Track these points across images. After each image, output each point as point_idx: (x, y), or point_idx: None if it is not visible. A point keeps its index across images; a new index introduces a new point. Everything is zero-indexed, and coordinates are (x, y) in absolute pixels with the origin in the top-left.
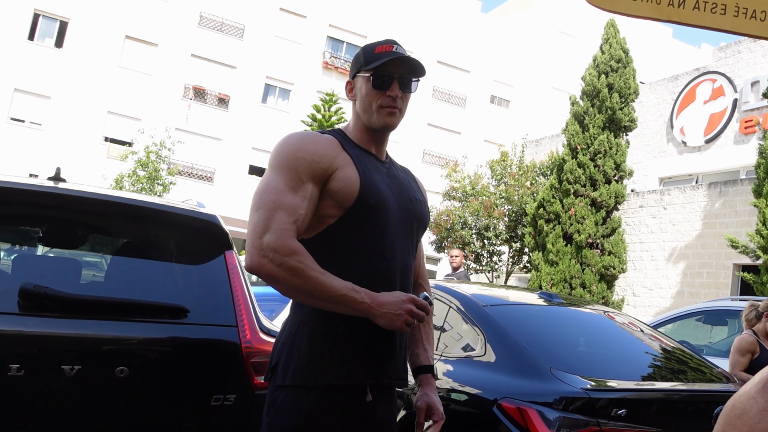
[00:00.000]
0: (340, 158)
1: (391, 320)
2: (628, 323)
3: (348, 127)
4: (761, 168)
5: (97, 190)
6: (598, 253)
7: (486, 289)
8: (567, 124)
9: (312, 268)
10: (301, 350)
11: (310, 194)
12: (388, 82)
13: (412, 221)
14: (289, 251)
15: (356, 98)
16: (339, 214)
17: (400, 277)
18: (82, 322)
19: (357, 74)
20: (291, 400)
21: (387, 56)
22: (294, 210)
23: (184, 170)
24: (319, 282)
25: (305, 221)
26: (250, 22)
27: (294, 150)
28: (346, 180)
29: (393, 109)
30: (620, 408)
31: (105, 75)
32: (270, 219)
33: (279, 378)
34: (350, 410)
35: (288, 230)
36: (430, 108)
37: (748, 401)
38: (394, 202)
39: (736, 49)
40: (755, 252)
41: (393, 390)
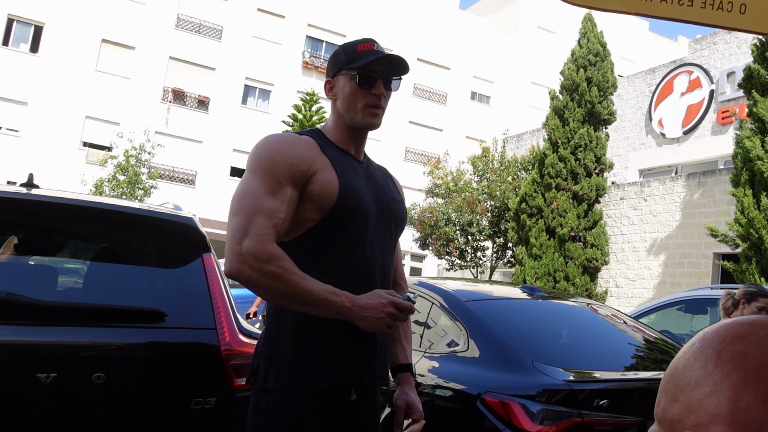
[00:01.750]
0: (319, 161)
1: (372, 323)
2: (611, 315)
3: (327, 127)
4: (738, 158)
5: (70, 196)
6: (581, 245)
7: (469, 284)
8: (547, 119)
9: (292, 273)
10: (282, 354)
11: (289, 197)
12: (373, 80)
13: (390, 221)
14: (268, 256)
15: (337, 97)
16: (318, 217)
17: (381, 278)
18: (58, 329)
19: (338, 73)
20: (275, 402)
21: (372, 54)
22: (273, 214)
23: (165, 174)
24: (300, 286)
25: (285, 225)
26: (228, 24)
27: (272, 153)
28: (326, 183)
29: (377, 109)
30: (602, 399)
31: (82, 79)
32: (249, 224)
33: (261, 381)
34: (335, 411)
35: (267, 235)
36: (412, 106)
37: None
38: (372, 203)
39: (711, 41)
40: (734, 240)
41: (376, 389)
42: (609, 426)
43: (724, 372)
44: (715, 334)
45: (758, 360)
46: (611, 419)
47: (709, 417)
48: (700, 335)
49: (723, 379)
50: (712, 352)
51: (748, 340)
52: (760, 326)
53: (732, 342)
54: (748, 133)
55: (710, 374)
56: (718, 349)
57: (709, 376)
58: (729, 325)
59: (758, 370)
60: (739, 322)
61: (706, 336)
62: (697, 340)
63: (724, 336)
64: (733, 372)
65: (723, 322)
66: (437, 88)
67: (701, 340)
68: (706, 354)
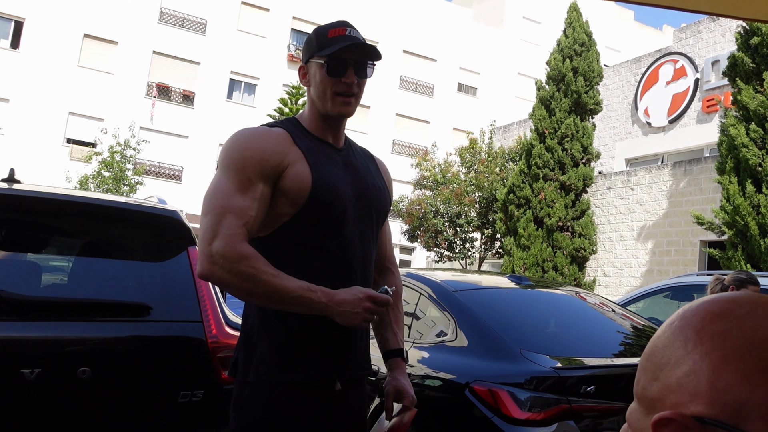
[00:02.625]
0: (291, 154)
1: (349, 318)
2: (599, 303)
3: (303, 115)
4: (723, 145)
5: (53, 190)
6: (569, 235)
7: (457, 274)
8: (534, 109)
9: (264, 272)
10: (262, 347)
11: (261, 194)
12: (343, 68)
13: (371, 210)
14: (238, 257)
15: (310, 84)
16: (293, 211)
17: (361, 270)
18: (42, 324)
19: (310, 59)
20: (256, 395)
21: (341, 41)
22: (243, 212)
23: (151, 169)
24: (273, 285)
25: (256, 222)
26: (212, 17)
27: (241, 149)
28: (298, 177)
29: (348, 97)
30: (589, 385)
31: (64, 75)
32: (218, 224)
33: (241, 374)
34: (318, 402)
35: (237, 234)
36: (398, 98)
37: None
38: (350, 192)
39: (696, 30)
40: (720, 228)
41: (362, 379)
42: (596, 412)
43: (704, 351)
44: (695, 312)
45: (738, 339)
46: (599, 405)
47: (689, 396)
48: (680, 313)
49: (702, 358)
50: (692, 331)
51: (728, 318)
52: (739, 304)
53: (712, 321)
54: (733, 120)
55: (690, 353)
56: (698, 328)
57: (688, 355)
58: (709, 303)
59: (738, 348)
60: (718, 299)
61: (685, 314)
62: (677, 318)
63: (704, 314)
64: (713, 351)
65: (702, 299)
66: (424, 80)
67: (681, 319)
68: (686, 333)
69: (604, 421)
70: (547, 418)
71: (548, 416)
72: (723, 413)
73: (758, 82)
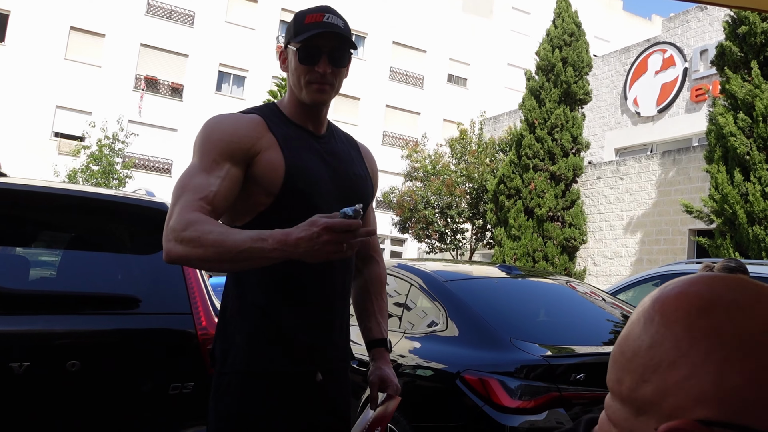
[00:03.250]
0: (264, 140)
1: (314, 255)
2: (589, 292)
3: (283, 101)
4: (712, 134)
5: (40, 183)
6: (559, 225)
7: (447, 265)
8: (524, 100)
9: (209, 232)
10: (238, 336)
11: (227, 173)
12: (316, 56)
13: (350, 199)
14: (184, 225)
15: (288, 70)
16: (269, 201)
17: (340, 270)
18: (30, 317)
19: (288, 45)
20: (235, 385)
21: (314, 28)
22: (202, 188)
23: (140, 163)
24: (219, 243)
25: (218, 198)
26: (200, 9)
27: (209, 133)
28: (270, 165)
29: (322, 85)
30: (579, 373)
31: (51, 68)
32: (174, 205)
33: (219, 364)
34: (297, 393)
35: (188, 207)
36: (388, 89)
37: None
38: (328, 181)
39: (684, 19)
40: (709, 216)
41: (342, 370)
42: (586, 399)
43: (702, 351)
44: (676, 304)
45: (733, 336)
46: (588, 392)
47: (692, 400)
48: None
49: (703, 360)
50: (681, 329)
51: (716, 311)
52: (719, 293)
53: (699, 316)
54: (721, 110)
55: (686, 354)
56: (687, 325)
57: (685, 357)
58: (686, 294)
59: (737, 345)
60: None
61: (665, 307)
62: (653, 310)
63: (688, 309)
64: (712, 352)
65: (675, 285)
66: (414, 72)
67: (660, 312)
68: (674, 331)
69: (594, 408)
70: (538, 406)
71: (538, 404)
72: (732, 415)
73: (746, 71)
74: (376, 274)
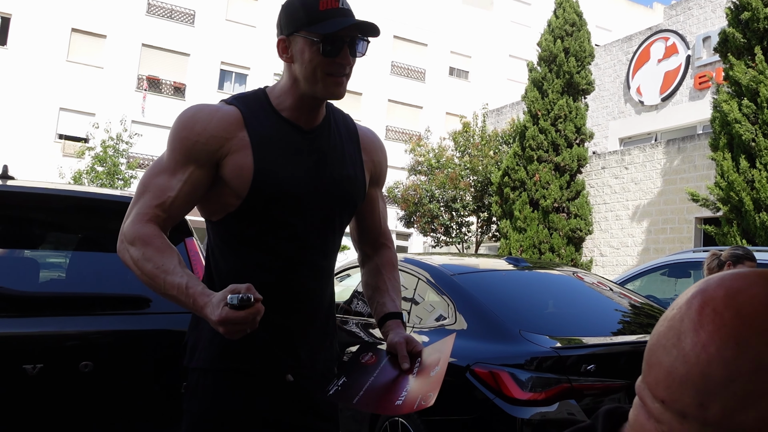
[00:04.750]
0: (234, 141)
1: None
2: (597, 283)
3: (276, 90)
4: (716, 122)
5: (48, 185)
6: (565, 216)
7: (454, 258)
8: (526, 91)
9: (148, 259)
10: (206, 332)
11: (189, 176)
12: (338, 47)
13: (333, 203)
14: (132, 238)
15: (294, 60)
16: (238, 203)
17: (310, 267)
18: (42, 319)
19: (296, 33)
20: (202, 381)
21: (337, 16)
22: (162, 192)
23: (145, 163)
24: (151, 275)
25: (175, 205)
26: (200, 8)
27: (180, 128)
28: (237, 168)
29: (341, 77)
30: (590, 363)
31: (54, 71)
32: (135, 203)
33: (187, 359)
34: (264, 393)
35: (144, 215)
36: (390, 84)
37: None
38: (304, 184)
39: (686, 6)
40: (715, 204)
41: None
42: (597, 390)
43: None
44: (759, 325)
45: None
46: (599, 383)
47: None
48: (747, 324)
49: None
50: (764, 346)
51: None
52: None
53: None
54: (726, 96)
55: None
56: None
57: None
58: (743, 304)
59: None
60: (749, 299)
61: (757, 325)
62: (750, 333)
63: (752, 323)
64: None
65: (730, 295)
66: (415, 65)
67: (734, 332)
68: (759, 349)
69: (605, 399)
70: (549, 398)
71: (549, 396)
72: None
73: (750, 57)
74: (387, 258)
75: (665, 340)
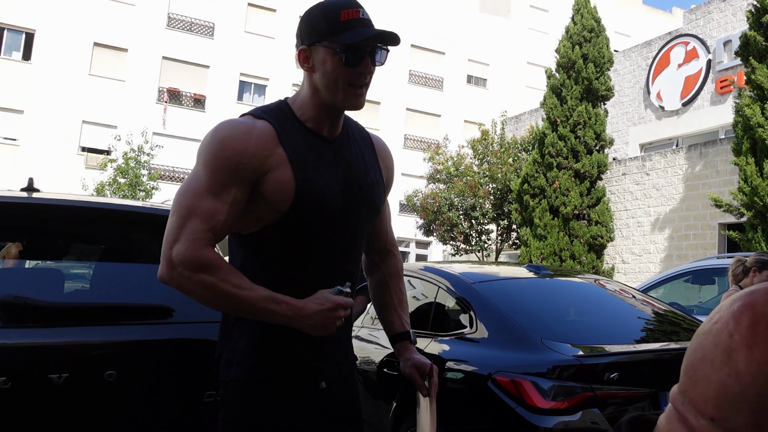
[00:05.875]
0: (274, 157)
1: (318, 330)
2: (619, 290)
3: (297, 100)
4: (739, 126)
5: (71, 197)
6: (585, 223)
7: (474, 266)
8: (545, 98)
9: (225, 281)
10: (241, 344)
11: (233, 198)
12: (360, 57)
13: (360, 210)
14: (198, 265)
15: (315, 70)
16: (277, 217)
17: (344, 275)
18: (67, 329)
19: (317, 43)
20: (239, 393)
21: (359, 26)
22: (211, 216)
23: (166, 174)
24: (234, 296)
25: (224, 227)
26: (219, 20)
27: (219, 149)
28: (279, 185)
29: (362, 88)
30: (613, 372)
31: (77, 84)
32: (182, 227)
33: (223, 372)
34: (302, 401)
35: (200, 240)
36: (408, 93)
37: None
38: (338, 194)
39: (706, 10)
40: (739, 210)
41: (348, 376)
42: (621, 398)
43: None
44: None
45: None
46: (623, 392)
47: None
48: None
49: None
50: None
51: None
52: None
53: None
54: (748, 100)
55: None
56: None
57: None
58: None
59: None
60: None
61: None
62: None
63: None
64: None
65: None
66: (433, 74)
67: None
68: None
69: (629, 407)
70: (572, 407)
71: (572, 405)
72: None
73: None
74: (393, 267)
75: (712, 356)
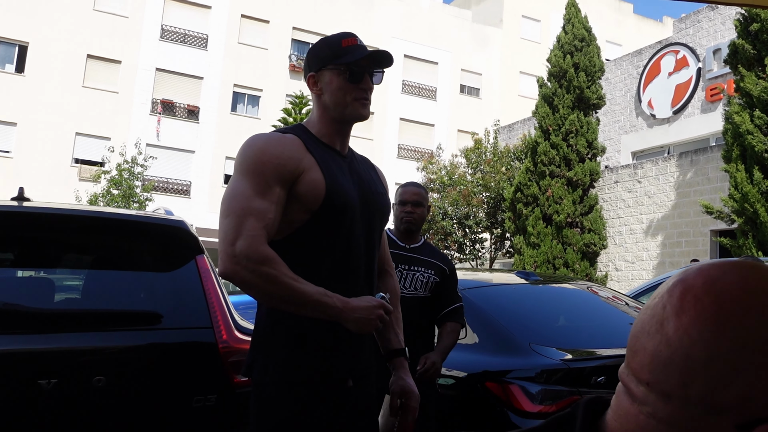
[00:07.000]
0: (306, 161)
1: (361, 326)
2: (611, 297)
3: (311, 121)
4: (729, 133)
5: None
6: (578, 231)
7: (466, 273)
8: (537, 107)
9: (285, 275)
10: (277, 348)
11: (278, 198)
12: (361, 75)
13: (374, 215)
14: (261, 258)
15: (323, 92)
16: (307, 217)
17: (365, 274)
18: (56, 336)
19: (324, 68)
20: (277, 395)
21: (359, 50)
22: (263, 215)
23: (160, 185)
24: (293, 288)
25: (275, 225)
26: (212, 32)
27: (259, 154)
28: (312, 184)
29: (366, 100)
30: (600, 375)
31: (70, 96)
32: (240, 225)
33: (259, 375)
34: (332, 399)
35: (259, 236)
36: (402, 103)
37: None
38: (357, 199)
39: (695, 19)
40: (730, 216)
41: (368, 375)
42: None
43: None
44: (736, 308)
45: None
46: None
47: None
48: (725, 308)
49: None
50: (753, 339)
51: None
52: (756, 292)
53: (763, 326)
54: (737, 108)
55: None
56: (756, 336)
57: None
58: (721, 291)
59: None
60: (726, 286)
61: (721, 311)
62: (727, 316)
63: (729, 308)
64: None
65: (731, 281)
66: (426, 84)
67: (732, 318)
68: (761, 335)
69: None
70: (559, 410)
71: (560, 408)
72: None
73: (760, 68)
74: (390, 287)
75: (648, 326)
